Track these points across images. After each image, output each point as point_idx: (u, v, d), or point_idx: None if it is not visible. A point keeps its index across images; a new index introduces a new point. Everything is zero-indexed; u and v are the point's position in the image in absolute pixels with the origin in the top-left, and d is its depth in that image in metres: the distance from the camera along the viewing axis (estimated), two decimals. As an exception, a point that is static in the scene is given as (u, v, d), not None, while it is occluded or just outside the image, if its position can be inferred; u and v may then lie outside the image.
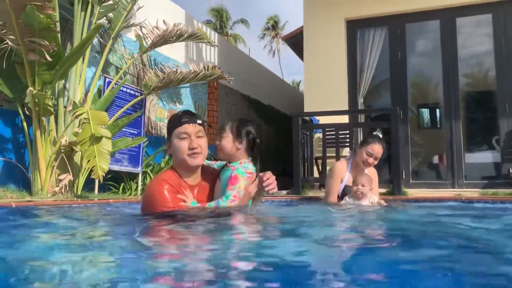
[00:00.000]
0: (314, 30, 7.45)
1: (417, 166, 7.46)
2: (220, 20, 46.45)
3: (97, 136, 4.13)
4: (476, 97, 7.32)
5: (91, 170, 4.18)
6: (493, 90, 6.86)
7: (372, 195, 3.50)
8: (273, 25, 50.47)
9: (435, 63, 7.05)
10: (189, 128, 2.19)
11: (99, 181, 4.46)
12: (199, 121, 2.24)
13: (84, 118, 4.21)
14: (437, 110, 10.82)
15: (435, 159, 7.90)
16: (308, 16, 7.54)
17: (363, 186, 3.40)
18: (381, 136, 3.72)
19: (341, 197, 3.58)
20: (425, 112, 10.99)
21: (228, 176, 2.32)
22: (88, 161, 4.09)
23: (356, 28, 7.39)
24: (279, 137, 10.77)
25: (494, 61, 6.70)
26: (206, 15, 47.74)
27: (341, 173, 3.62)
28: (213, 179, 2.41)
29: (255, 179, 2.33)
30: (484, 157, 7.06)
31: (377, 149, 3.55)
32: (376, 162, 3.59)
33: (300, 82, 43.85)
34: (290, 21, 56.28)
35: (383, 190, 5.31)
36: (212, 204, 2.29)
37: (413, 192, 5.83)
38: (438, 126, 10.54)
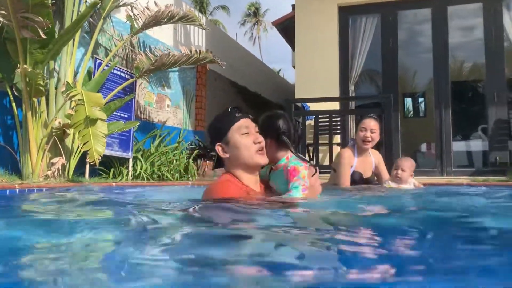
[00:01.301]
0: (306, 15, 7.38)
1: (406, 154, 7.53)
2: (200, 5, 45.80)
3: (92, 118, 3.98)
4: (466, 86, 7.42)
5: (85, 154, 4.04)
6: (482, 79, 6.95)
7: (413, 179, 3.58)
8: (254, 12, 50.10)
9: (426, 51, 7.09)
10: (248, 122, 1.94)
11: (92, 164, 4.32)
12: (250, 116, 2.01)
13: (78, 100, 4.05)
14: (421, 99, 10.99)
15: (423, 147, 8.02)
16: (301, 1, 7.45)
17: (402, 171, 3.46)
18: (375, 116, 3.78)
19: (351, 183, 3.60)
20: (408, 101, 11.14)
21: (283, 173, 2.05)
22: (84, 144, 3.94)
23: (348, 15, 7.36)
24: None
25: (484, 50, 6.77)
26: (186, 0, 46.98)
27: (350, 159, 3.62)
28: (265, 187, 2.12)
29: (314, 172, 2.08)
30: (472, 145, 7.19)
31: (368, 121, 3.61)
32: (374, 136, 3.60)
33: (280, 70, 43.77)
34: (271, 8, 55.96)
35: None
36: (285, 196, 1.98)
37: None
38: (422, 115, 10.72)
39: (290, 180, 1.99)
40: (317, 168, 2.11)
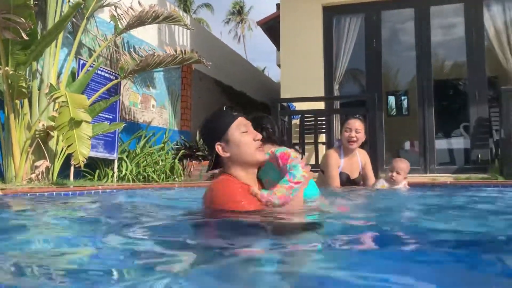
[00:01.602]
0: (291, 15, 7.41)
1: (390, 152, 7.62)
2: (183, 4, 45.52)
3: (77, 120, 3.94)
4: (448, 84, 7.53)
5: (70, 156, 4.00)
6: (464, 78, 7.06)
7: (405, 180, 3.70)
8: (239, 10, 50.00)
9: (409, 50, 7.18)
10: (245, 120, 1.94)
11: (77, 167, 4.28)
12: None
13: (62, 102, 4.00)
14: (403, 98, 11.12)
15: (407, 145, 8.12)
16: (285, 1, 7.47)
17: (398, 174, 3.58)
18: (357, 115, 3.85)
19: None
20: (391, 100, 11.26)
21: (273, 164, 2.02)
22: (68, 146, 3.90)
23: (332, 15, 7.40)
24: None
25: (465, 49, 6.88)
26: (170, -1, 46.60)
27: (337, 160, 3.65)
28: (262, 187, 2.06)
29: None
30: (455, 143, 7.31)
31: (353, 122, 3.67)
32: (359, 136, 3.65)
33: (264, 68, 43.82)
34: (255, 6, 55.91)
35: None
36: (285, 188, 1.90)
37: (388, 177, 5.95)
38: (405, 113, 10.85)
39: (285, 163, 1.97)
40: (303, 155, 2.14)
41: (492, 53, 6.78)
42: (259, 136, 1.93)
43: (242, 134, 1.89)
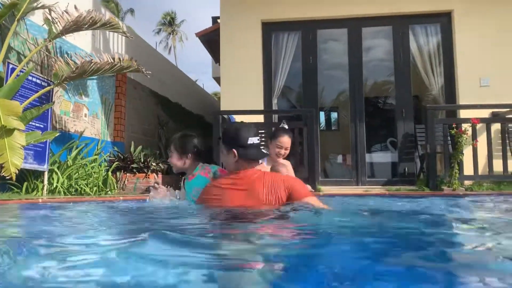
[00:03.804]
0: (231, 29, 7.48)
1: (324, 165, 7.91)
2: (111, 11, 44.17)
3: (9, 129, 3.66)
4: (379, 102, 8.00)
5: (0, 167, 3.69)
6: (393, 96, 7.53)
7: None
8: (170, 21, 49.46)
9: (342, 68, 7.55)
10: None
11: (8, 179, 3.95)
12: None
13: (-8, 108, 3.70)
14: (333, 114, 11.63)
15: (339, 159, 8.47)
16: (225, 14, 7.54)
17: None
18: (286, 127, 3.97)
19: None
20: (321, 115, 11.72)
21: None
22: (-2, 156, 3.60)
23: (271, 31, 7.59)
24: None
25: (393, 69, 7.37)
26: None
27: (261, 167, 3.72)
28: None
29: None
30: (384, 156, 7.75)
31: (285, 140, 3.81)
32: (287, 152, 3.82)
33: (196, 80, 43.56)
34: (187, 17, 55.65)
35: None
36: None
37: (325, 189, 6.16)
38: (334, 129, 11.35)
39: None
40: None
41: (417, 73, 7.34)
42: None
43: None
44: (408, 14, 7.30)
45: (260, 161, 3.89)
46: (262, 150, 2.59)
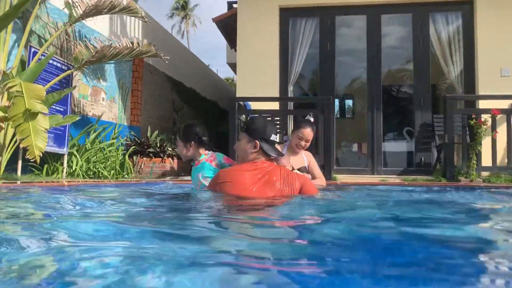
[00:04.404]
0: (248, 14, 7.43)
1: (339, 153, 7.89)
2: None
3: (33, 112, 3.71)
4: (396, 90, 7.92)
5: (24, 150, 3.75)
6: (411, 84, 7.44)
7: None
8: (183, 6, 49.21)
9: (361, 56, 7.47)
10: None
11: (33, 161, 4.02)
12: None
13: (17, 91, 3.75)
14: (347, 101, 11.54)
15: (355, 147, 8.44)
16: (243, 1, 7.48)
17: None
18: (312, 120, 3.93)
19: None
20: (336, 103, 11.65)
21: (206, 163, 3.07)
22: (23, 139, 3.66)
23: (289, 16, 7.52)
24: (199, 120, 10.62)
25: (412, 57, 7.28)
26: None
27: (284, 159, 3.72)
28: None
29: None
30: (400, 146, 7.71)
31: (307, 132, 3.76)
32: (308, 144, 3.79)
33: (208, 65, 43.45)
34: (199, 2, 55.36)
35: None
36: None
37: (340, 178, 6.16)
38: (349, 116, 11.27)
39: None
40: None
41: (436, 62, 7.23)
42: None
43: None
44: (429, 2, 7.17)
45: (280, 146, 3.89)
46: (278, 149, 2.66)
